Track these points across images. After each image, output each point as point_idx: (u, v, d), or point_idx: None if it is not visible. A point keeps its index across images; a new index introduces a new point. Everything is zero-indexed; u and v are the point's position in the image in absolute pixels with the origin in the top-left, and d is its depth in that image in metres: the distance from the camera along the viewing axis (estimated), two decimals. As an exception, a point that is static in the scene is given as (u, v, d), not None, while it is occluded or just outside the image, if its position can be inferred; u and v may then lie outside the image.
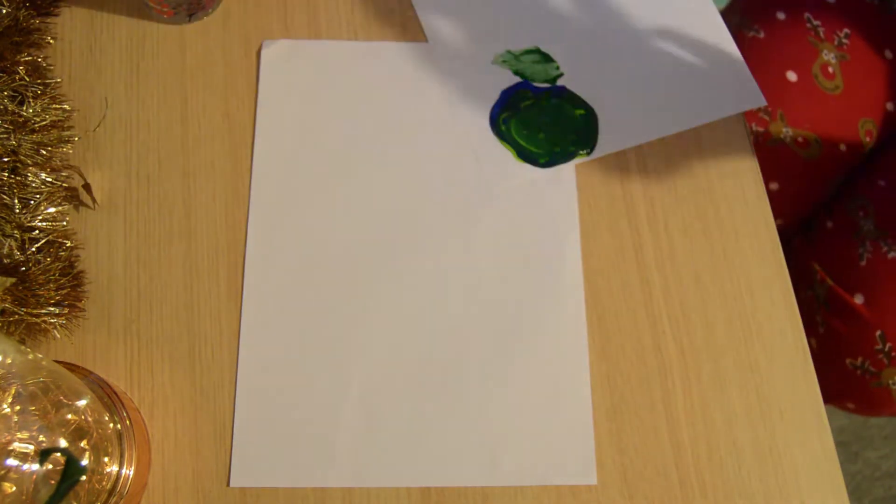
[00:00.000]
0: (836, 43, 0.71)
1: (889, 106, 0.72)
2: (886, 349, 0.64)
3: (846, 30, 0.71)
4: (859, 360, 0.65)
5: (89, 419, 0.41)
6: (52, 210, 0.49)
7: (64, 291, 0.47)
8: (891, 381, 0.65)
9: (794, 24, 0.56)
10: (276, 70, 0.55)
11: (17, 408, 0.38)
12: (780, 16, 0.55)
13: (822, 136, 0.70)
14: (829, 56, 0.70)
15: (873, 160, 0.74)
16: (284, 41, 0.56)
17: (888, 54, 0.72)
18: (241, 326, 0.49)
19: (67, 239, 0.49)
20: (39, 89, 0.51)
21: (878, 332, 0.64)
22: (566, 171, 0.53)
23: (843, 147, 0.70)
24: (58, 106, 0.52)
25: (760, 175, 0.53)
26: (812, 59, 0.70)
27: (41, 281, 0.46)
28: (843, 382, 0.44)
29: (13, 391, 0.38)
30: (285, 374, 0.48)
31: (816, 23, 0.71)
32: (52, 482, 0.38)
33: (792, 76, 0.67)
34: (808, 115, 0.69)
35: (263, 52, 0.55)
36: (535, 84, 0.55)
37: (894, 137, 0.73)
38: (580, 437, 0.47)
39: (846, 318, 0.48)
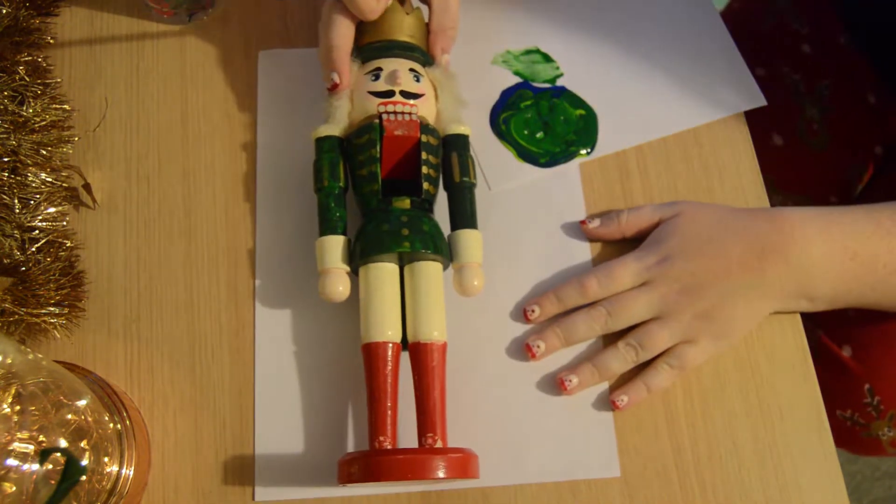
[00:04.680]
0: (817, 95, 0.70)
1: (878, 150, 0.71)
2: (875, 402, 0.63)
3: (825, 81, 0.70)
4: (848, 412, 0.65)
5: (89, 419, 0.41)
6: (52, 210, 0.49)
7: (64, 291, 0.47)
8: (880, 433, 0.65)
9: (774, 79, 0.54)
10: (273, 78, 0.54)
11: (17, 408, 0.38)
12: (760, 71, 0.53)
13: (812, 195, 0.69)
14: (812, 111, 0.69)
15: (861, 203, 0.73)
16: (280, 50, 0.55)
17: (871, 98, 0.71)
18: (256, 333, 0.48)
19: (67, 239, 0.49)
20: (39, 89, 0.51)
21: (866, 386, 0.63)
22: (571, 171, 0.53)
23: (833, 199, 0.69)
24: (58, 106, 0.52)
25: (760, 175, 0.53)
26: (796, 117, 0.68)
27: (41, 281, 0.46)
28: (833, 431, 0.44)
29: (13, 391, 0.38)
30: (300, 379, 0.47)
31: (796, 77, 0.70)
32: (52, 482, 0.38)
33: (777, 140, 0.66)
34: (797, 179, 0.68)
35: (260, 62, 0.55)
36: (535, 84, 0.55)
37: (880, 180, 0.72)
38: (601, 431, 0.47)
39: (834, 371, 0.47)
